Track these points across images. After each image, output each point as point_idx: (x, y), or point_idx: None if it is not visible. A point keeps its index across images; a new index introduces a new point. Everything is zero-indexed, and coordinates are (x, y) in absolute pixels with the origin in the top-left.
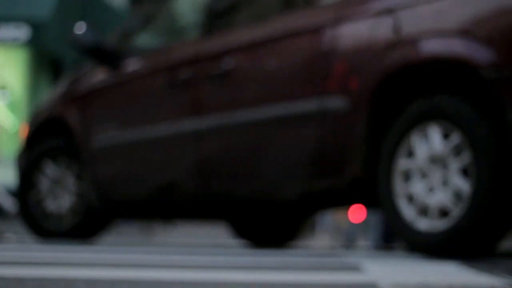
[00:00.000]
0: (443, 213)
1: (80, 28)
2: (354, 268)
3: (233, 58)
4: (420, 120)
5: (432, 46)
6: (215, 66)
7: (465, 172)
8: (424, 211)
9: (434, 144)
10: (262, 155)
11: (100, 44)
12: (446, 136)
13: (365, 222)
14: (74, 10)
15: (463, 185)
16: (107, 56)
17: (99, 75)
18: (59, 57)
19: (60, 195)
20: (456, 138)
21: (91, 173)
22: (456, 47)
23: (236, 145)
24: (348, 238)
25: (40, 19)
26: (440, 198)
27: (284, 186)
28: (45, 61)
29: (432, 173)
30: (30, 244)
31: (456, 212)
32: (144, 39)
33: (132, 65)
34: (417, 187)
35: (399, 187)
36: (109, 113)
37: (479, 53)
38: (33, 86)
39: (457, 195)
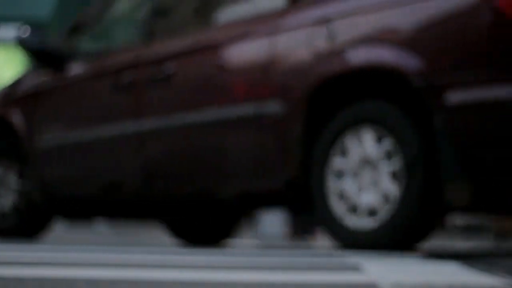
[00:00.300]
0: (372, 212)
1: (24, 31)
2: (354, 268)
3: (174, 63)
4: (354, 123)
5: (363, 55)
6: (157, 71)
7: (394, 175)
8: (353, 209)
9: (367, 147)
10: (203, 157)
11: (44, 47)
12: (379, 139)
13: None
14: (74, 10)
15: (392, 188)
16: (52, 59)
17: (44, 77)
18: None
19: (3, 195)
20: (388, 143)
21: (36, 173)
22: (386, 56)
23: (178, 147)
24: None
25: (40, 19)
26: (369, 198)
27: (224, 187)
28: None
29: (363, 174)
30: (30, 244)
31: (383, 213)
32: (89, 42)
33: (76, 68)
34: (349, 186)
35: (331, 184)
36: (55, 115)
37: (408, 62)
38: None
39: (386, 197)
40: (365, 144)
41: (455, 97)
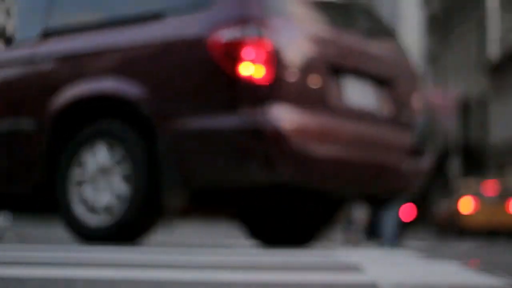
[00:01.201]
0: (108, 211)
1: None
2: (354, 268)
3: None
4: (90, 139)
5: (92, 86)
6: None
7: (126, 179)
8: (93, 210)
9: (101, 157)
10: None
11: None
12: (112, 150)
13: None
14: None
15: (124, 189)
16: None
17: None
18: None
19: None
20: (119, 152)
21: None
22: (114, 86)
23: None
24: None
25: None
26: (106, 199)
27: None
28: None
29: (99, 180)
30: (30, 244)
31: (118, 210)
32: None
33: None
34: (88, 192)
35: (73, 192)
36: None
37: (135, 92)
38: None
39: (119, 197)
40: (100, 155)
41: (175, 123)
